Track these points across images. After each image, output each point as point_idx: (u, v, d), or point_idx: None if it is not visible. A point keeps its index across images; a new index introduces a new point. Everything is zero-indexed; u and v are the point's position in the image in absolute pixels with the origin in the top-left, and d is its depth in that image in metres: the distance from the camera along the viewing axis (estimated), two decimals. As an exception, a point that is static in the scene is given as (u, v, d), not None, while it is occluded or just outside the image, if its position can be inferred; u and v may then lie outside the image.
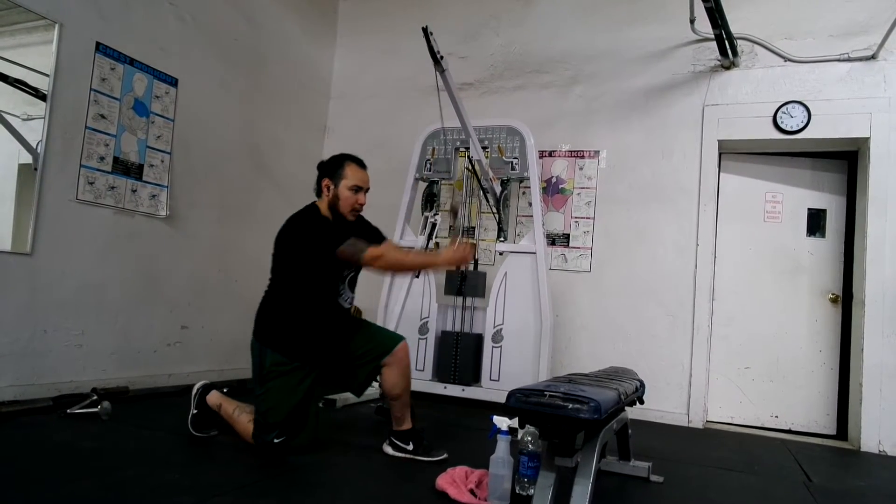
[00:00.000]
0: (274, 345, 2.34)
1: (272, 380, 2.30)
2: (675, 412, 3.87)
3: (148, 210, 3.47)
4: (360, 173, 2.40)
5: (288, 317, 2.35)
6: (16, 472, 1.90)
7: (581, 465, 1.66)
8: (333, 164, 2.41)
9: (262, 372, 2.34)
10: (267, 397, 2.30)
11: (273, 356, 2.32)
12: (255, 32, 4.28)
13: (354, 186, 2.37)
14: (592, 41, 4.35)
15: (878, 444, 3.42)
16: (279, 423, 2.27)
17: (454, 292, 3.84)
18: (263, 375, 2.33)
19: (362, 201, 2.40)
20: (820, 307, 3.96)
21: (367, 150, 4.73)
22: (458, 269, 3.83)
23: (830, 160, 4.06)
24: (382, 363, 2.40)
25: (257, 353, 2.37)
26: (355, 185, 2.37)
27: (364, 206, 2.43)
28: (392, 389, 2.42)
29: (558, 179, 4.32)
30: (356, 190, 2.37)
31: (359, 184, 2.38)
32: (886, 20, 3.47)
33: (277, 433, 2.26)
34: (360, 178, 2.39)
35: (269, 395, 2.30)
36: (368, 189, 2.44)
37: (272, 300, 2.41)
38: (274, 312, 2.39)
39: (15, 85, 2.86)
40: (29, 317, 2.89)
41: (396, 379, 2.41)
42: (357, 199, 2.38)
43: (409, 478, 2.16)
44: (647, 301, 4.02)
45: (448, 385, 3.69)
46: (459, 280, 3.80)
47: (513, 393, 1.67)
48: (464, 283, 3.79)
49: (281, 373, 2.31)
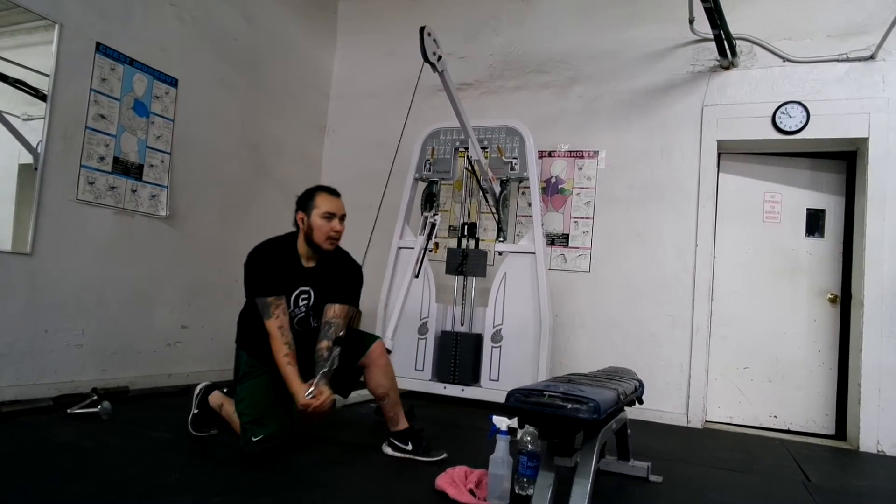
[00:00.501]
0: (247, 349, 2.42)
1: (245, 381, 2.37)
2: (674, 412, 3.88)
3: (148, 210, 3.48)
4: (331, 201, 2.37)
5: (253, 326, 2.37)
6: (16, 472, 1.90)
7: (580, 464, 1.66)
8: (305, 197, 2.40)
9: (237, 374, 2.44)
10: (241, 398, 2.34)
11: (247, 359, 2.41)
12: (255, 32, 4.29)
13: (327, 214, 2.34)
14: (592, 41, 4.36)
15: (876, 444, 3.42)
16: (252, 422, 2.26)
17: (454, 271, 3.86)
18: (239, 377, 2.42)
19: (338, 228, 2.36)
20: (819, 307, 3.97)
21: (367, 150, 4.80)
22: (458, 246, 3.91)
23: (829, 160, 4.06)
24: (360, 364, 2.42)
25: (235, 355, 2.48)
26: (327, 212, 2.34)
27: (341, 233, 2.38)
28: (376, 389, 2.44)
29: (558, 179, 4.33)
30: (329, 217, 2.34)
31: (331, 210, 2.35)
32: (885, 20, 3.47)
33: (255, 432, 2.24)
34: (332, 205, 2.36)
35: (243, 395, 2.34)
36: (344, 216, 2.40)
37: (245, 307, 2.47)
38: (245, 319, 2.46)
39: (15, 85, 2.86)
40: (29, 317, 2.89)
41: (379, 378, 2.43)
42: (331, 226, 2.34)
43: (409, 478, 2.17)
44: (646, 301, 4.03)
45: (447, 385, 3.70)
46: (460, 258, 3.82)
47: (512, 393, 1.67)
48: (464, 262, 3.81)
49: (253, 375, 2.37)
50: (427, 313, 3.81)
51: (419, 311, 3.82)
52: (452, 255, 3.87)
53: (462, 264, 3.81)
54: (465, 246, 3.92)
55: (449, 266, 3.87)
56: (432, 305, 3.81)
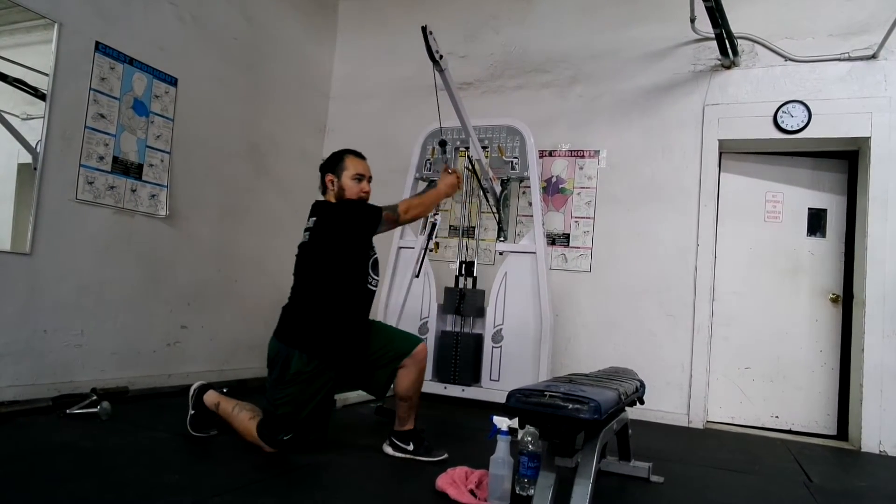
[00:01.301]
0: (302, 345, 2.30)
1: (295, 384, 2.27)
2: (675, 412, 3.87)
3: (148, 210, 3.47)
4: (360, 163, 2.51)
5: (320, 310, 2.33)
6: (16, 472, 1.89)
7: (581, 465, 1.66)
8: (334, 160, 2.51)
9: (284, 376, 2.29)
10: (287, 401, 2.27)
11: (300, 359, 2.28)
12: (255, 32, 4.28)
13: (357, 175, 2.46)
14: (593, 40, 4.35)
15: (878, 445, 3.42)
16: (295, 425, 2.26)
17: (452, 311, 3.78)
18: (287, 380, 2.28)
19: (367, 189, 2.49)
20: (820, 307, 3.96)
21: (367, 150, 4.78)
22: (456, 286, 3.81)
23: (831, 160, 4.05)
24: (401, 365, 2.39)
25: (283, 355, 2.31)
26: (357, 173, 2.46)
27: (369, 194, 2.50)
28: (406, 391, 2.40)
29: (558, 179, 4.32)
30: (359, 179, 2.47)
31: (361, 172, 2.48)
32: (887, 19, 3.46)
33: (286, 433, 2.25)
34: (362, 167, 2.50)
35: (290, 398, 2.27)
36: (371, 178, 2.53)
37: (301, 298, 2.39)
38: (303, 310, 2.36)
39: (14, 84, 2.85)
40: (28, 317, 2.88)
41: (412, 381, 2.40)
42: (361, 187, 2.47)
43: (409, 478, 2.16)
44: (647, 301, 4.02)
45: (448, 385, 3.69)
46: (458, 298, 3.76)
47: (513, 393, 1.66)
48: (462, 302, 3.75)
49: (305, 378, 2.28)
50: (428, 313, 3.80)
51: (419, 311, 3.81)
52: (450, 294, 3.82)
53: (460, 304, 3.76)
54: (463, 285, 3.81)
55: (447, 306, 3.80)
56: (433, 305, 3.80)
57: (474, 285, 3.83)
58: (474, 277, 3.84)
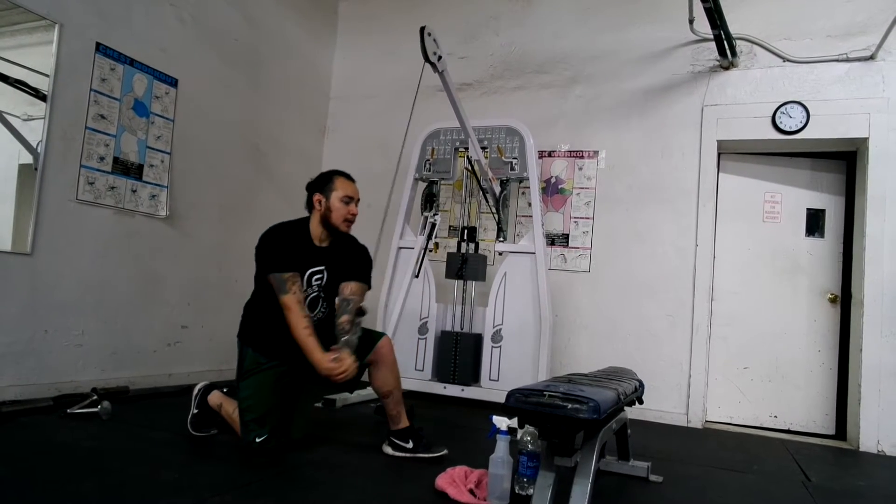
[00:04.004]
0: (253, 344, 2.40)
1: (249, 377, 2.36)
2: (674, 412, 3.88)
3: (148, 210, 3.48)
4: (349, 185, 2.48)
5: (261, 317, 2.41)
6: (16, 472, 1.90)
7: (580, 464, 1.66)
8: (322, 180, 2.48)
9: (241, 370, 2.41)
10: (247, 395, 2.34)
11: (252, 355, 2.39)
12: (255, 32, 4.29)
13: (346, 197, 2.43)
14: (592, 41, 4.36)
15: (876, 444, 3.42)
16: (256, 420, 2.29)
17: (454, 276, 3.85)
18: (242, 374, 2.40)
19: (354, 211, 2.46)
20: (819, 307, 3.97)
21: (367, 150, 4.80)
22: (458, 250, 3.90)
23: (829, 160, 4.06)
24: (367, 361, 2.41)
25: (239, 351, 2.44)
26: (346, 195, 2.44)
27: (356, 216, 2.48)
28: (382, 387, 2.44)
29: (558, 179, 4.33)
30: (347, 201, 2.44)
31: (350, 194, 2.45)
32: (885, 20, 3.47)
33: (258, 433, 2.28)
34: (351, 189, 2.47)
35: (250, 393, 2.34)
36: (359, 200, 2.50)
37: (251, 300, 2.49)
38: (251, 312, 2.47)
39: (15, 85, 2.86)
40: (29, 317, 2.89)
41: (385, 376, 2.44)
42: (349, 209, 2.44)
43: (409, 478, 2.17)
44: (646, 301, 4.03)
45: (447, 385, 3.70)
46: (460, 262, 3.82)
47: (512, 393, 1.67)
48: (464, 266, 3.80)
49: (258, 371, 2.36)
50: (427, 313, 3.81)
51: (419, 311, 3.82)
52: (452, 259, 3.87)
53: (462, 268, 3.80)
54: (465, 250, 3.91)
55: (448, 270, 3.86)
56: (432, 305, 3.81)
57: (476, 250, 3.91)
58: (476, 243, 3.93)
